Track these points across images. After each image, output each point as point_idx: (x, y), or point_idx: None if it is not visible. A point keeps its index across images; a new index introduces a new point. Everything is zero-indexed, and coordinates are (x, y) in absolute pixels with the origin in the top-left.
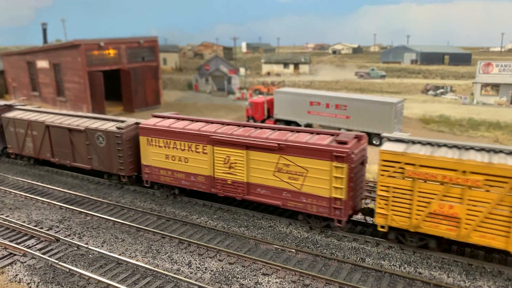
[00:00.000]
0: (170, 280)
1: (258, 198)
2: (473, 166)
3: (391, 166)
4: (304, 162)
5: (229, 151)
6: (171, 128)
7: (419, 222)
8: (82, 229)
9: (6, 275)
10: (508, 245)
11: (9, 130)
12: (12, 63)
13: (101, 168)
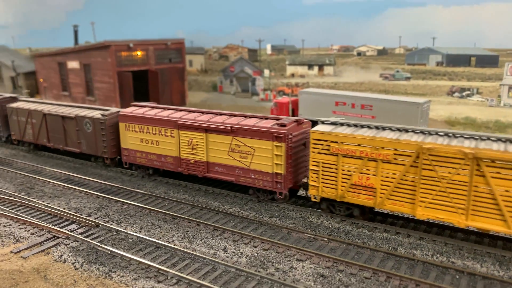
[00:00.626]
0: (207, 263)
1: (216, 175)
2: (383, 142)
3: (320, 144)
4: (251, 142)
5: (191, 134)
6: (144, 115)
7: (343, 193)
8: (119, 216)
9: (52, 255)
10: (414, 211)
11: (13, 119)
12: (43, 63)
13: (88, 151)
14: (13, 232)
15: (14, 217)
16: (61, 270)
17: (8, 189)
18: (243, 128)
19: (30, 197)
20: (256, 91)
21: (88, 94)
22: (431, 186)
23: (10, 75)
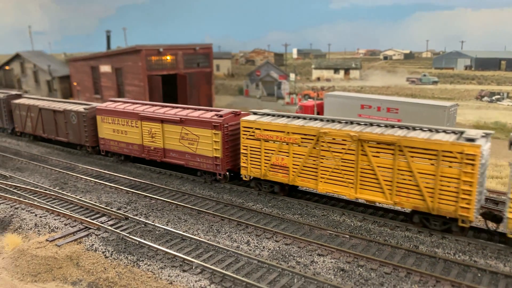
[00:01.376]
0: (231, 254)
1: (170, 160)
2: (293, 128)
3: (247, 131)
4: (196, 131)
5: (151, 124)
6: (115, 109)
7: (266, 172)
8: (147, 210)
9: (83, 244)
10: (317, 186)
11: (16, 113)
12: (77, 68)
13: (74, 141)
14: (48, 222)
15: (49, 209)
16: (92, 258)
17: (44, 184)
18: (189, 118)
19: (64, 191)
20: (281, 94)
21: (119, 96)
22: (328, 164)
23: (46, 79)
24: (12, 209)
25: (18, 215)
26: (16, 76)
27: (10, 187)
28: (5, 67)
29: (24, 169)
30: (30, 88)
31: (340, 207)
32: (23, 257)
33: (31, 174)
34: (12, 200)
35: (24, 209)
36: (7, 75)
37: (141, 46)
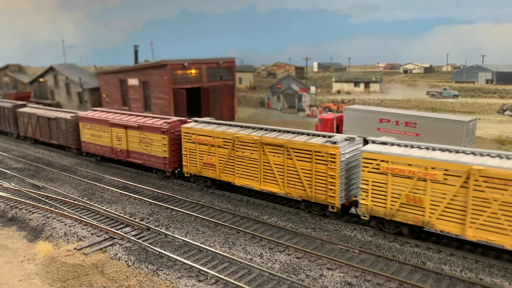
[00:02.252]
0: (244, 266)
1: (132, 160)
2: (217, 133)
3: (186, 135)
4: (151, 135)
5: (118, 130)
6: (93, 117)
7: (200, 169)
8: (168, 222)
9: (108, 253)
10: (234, 180)
11: (20, 120)
12: (106, 80)
13: (63, 143)
14: (77, 231)
15: (77, 219)
16: (115, 266)
17: (73, 194)
18: (145, 125)
19: (91, 202)
20: (302, 107)
21: (145, 108)
22: (241, 162)
23: (77, 91)
24: (44, 218)
25: (50, 224)
26: (50, 88)
27: (42, 197)
28: (39, 79)
29: (55, 180)
30: (62, 99)
31: (352, 222)
32: (53, 264)
33: (62, 185)
34: (44, 209)
35: (55, 219)
36: (41, 86)
37: (167, 61)
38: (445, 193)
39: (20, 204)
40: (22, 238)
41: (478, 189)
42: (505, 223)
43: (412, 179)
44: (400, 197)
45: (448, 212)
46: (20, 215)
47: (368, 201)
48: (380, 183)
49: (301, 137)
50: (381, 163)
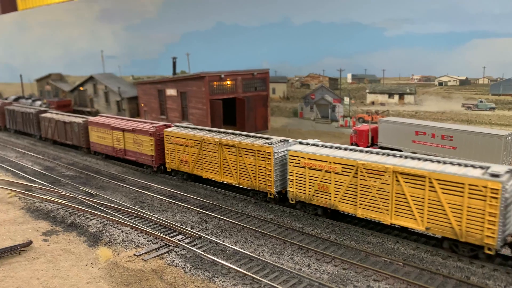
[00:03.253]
0: (294, 276)
1: (129, 157)
2: (189, 136)
3: (167, 137)
4: (142, 137)
5: (117, 133)
6: (99, 121)
7: (178, 165)
8: (217, 231)
9: (165, 260)
10: (202, 174)
11: (42, 124)
12: (144, 90)
13: (76, 143)
14: (134, 238)
15: (133, 226)
16: (173, 272)
17: (125, 202)
18: (138, 129)
19: (143, 210)
20: (335, 117)
21: (183, 118)
22: (207, 160)
23: (116, 99)
24: (102, 225)
25: (107, 231)
26: (89, 96)
27: (97, 205)
28: (79, 87)
29: (106, 188)
30: (101, 107)
31: (394, 235)
32: (116, 268)
33: (113, 193)
34: (101, 216)
35: (111, 225)
36: (81, 95)
37: (205, 73)
38: (343, 181)
39: (77, 210)
40: (83, 243)
41: (363, 178)
42: (380, 203)
43: (321, 171)
44: (314, 185)
45: (346, 196)
46: (79, 221)
47: (294, 188)
48: (301, 175)
49: (249, 139)
50: (301, 159)
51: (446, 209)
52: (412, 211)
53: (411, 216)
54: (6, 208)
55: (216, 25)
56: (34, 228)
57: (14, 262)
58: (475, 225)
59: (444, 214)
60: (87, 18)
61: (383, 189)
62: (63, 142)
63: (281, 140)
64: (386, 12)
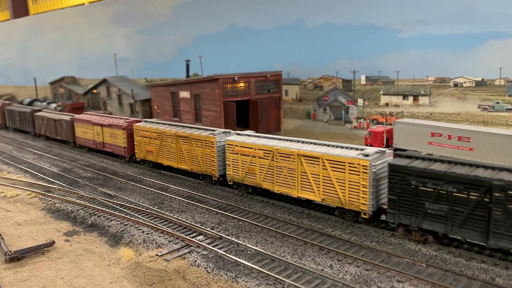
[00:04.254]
0: (317, 277)
1: (106, 149)
2: (151, 129)
3: (136, 131)
4: (116, 131)
5: (97, 128)
6: (82, 118)
7: (145, 155)
8: (237, 231)
9: (187, 260)
10: (156, 160)
11: (36, 122)
12: (158, 92)
13: (64, 138)
14: (155, 239)
15: (154, 227)
16: (196, 272)
17: (144, 203)
18: (113, 124)
19: (162, 210)
20: (349, 119)
21: (196, 120)
22: (166, 149)
23: (129, 102)
24: (122, 225)
25: (128, 231)
26: (102, 99)
27: (116, 205)
28: (93, 90)
29: (124, 189)
30: (114, 110)
31: None
32: (139, 268)
33: (131, 194)
34: (121, 217)
35: (132, 226)
36: (95, 97)
37: (219, 75)
38: (264, 164)
39: (97, 211)
40: (104, 244)
41: (277, 161)
42: (290, 181)
43: (249, 157)
44: (245, 168)
45: (267, 176)
46: (99, 222)
47: (231, 171)
48: (235, 160)
49: (199, 131)
50: (235, 147)
51: (334, 183)
52: (312, 186)
53: (311, 190)
54: (27, 208)
55: (229, 27)
56: (55, 228)
57: (38, 261)
58: (354, 195)
59: (333, 187)
60: (101, 22)
61: (291, 168)
62: (54, 138)
63: (223, 131)
64: (401, 13)
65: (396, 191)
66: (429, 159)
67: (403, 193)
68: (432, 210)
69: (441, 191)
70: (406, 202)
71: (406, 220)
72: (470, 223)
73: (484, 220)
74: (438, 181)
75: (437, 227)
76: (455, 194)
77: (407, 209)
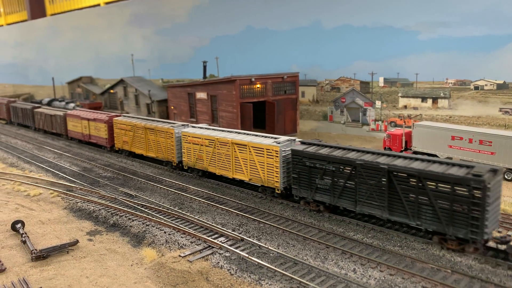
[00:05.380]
0: (341, 281)
1: (92, 140)
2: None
3: (116, 124)
4: (100, 125)
5: (85, 121)
6: (73, 114)
7: (122, 145)
8: (258, 233)
9: (210, 261)
10: (131, 149)
11: (36, 117)
12: (174, 93)
13: (58, 131)
14: (177, 239)
15: (175, 227)
16: (219, 274)
17: (165, 204)
18: (97, 118)
19: (183, 211)
20: (366, 121)
21: (213, 121)
22: (137, 139)
23: (146, 102)
24: (144, 225)
25: (150, 231)
26: (119, 99)
27: (138, 205)
28: (110, 90)
29: (144, 189)
30: (131, 110)
31: None
32: (162, 269)
33: (152, 194)
34: (142, 217)
35: (154, 226)
36: (112, 98)
37: (236, 76)
38: (209, 151)
39: (119, 211)
40: (126, 244)
41: (218, 148)
42: (227, 164)
43: (198, 145)
44: (196, 155)
45: (211, 161)
46: (121, 222)
47: (186, 158)
48: (188, 148)
49: (162, 124)
50: (188, 138)
51: (257, 166)
52: (242, 168)
53: (242, 172)
54: (50, 207)
55: (246, 29)
56: (78, 227)
57: (63, 260)
58: (271, 175)
59: (256, 169)
60: (119, 23)
61: (228, 154)
62: (50, 131)
63: (182, 124)
64: (420, 15)
65: (297, 171)
66: (320, 145)
67: (302, 172)
68: (320, 185)
69: (326, 169)
70: (304, 179)
71: (305, 194)
72: (345, 194)
73: (353, 192)
74: (323, 162)
75: (325, 198)
76: (334, 171)
77: (305, 184)
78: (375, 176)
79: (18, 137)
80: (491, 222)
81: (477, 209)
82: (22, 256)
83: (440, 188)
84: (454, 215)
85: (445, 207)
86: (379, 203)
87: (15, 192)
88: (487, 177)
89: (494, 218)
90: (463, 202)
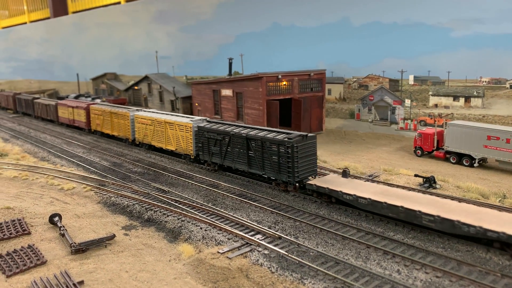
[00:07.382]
0: (386, 282)
1: (76, 124)
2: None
3: (92, 110)
4: (80, 111)
5: (71, 109)
6: (62, 103)
7: (96, 127)
8: (295, 232)
9: (249, 259)
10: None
11: (35, 107)
12: (199, 90)
13: (52, 118)
14: (214, 236)
15: (211, 223)
16: (259, 272)
17: (198, 199)
18: (79, 105)
19: (216, 207)
20: (395, 119)
21: (238, 118)
22: (106, 122)
23: (170, 99)
24: (179, 221)
25: (186, 227)
26: (144, 96)
27: (171, 201)
28: (134, 87)
29: (176, 184)
30: (155, 106)
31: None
32: (202, 265)
33: (184, 190)
34: (177, 213)
35: (189, 222)
36: (136, 94)
37: (263, 73)
38: (151, 129)
39: (153, 206)
40: (162, 239)
41: (156, 126)
42: (162, 139)
43: (145, 125)
44: (145, 133)
45: (154, 137)
46: (156, 217)
47: (137, 135)
48: (139, 127)
49: (121, 109)
50: (139, 119)
51: (180, 139)
52: (171, 141)
53: (171, 144)
54: (84, 201)
55: (272, 25)
56: (113, 222)
57: (101, 254)
58: (188, 145)
59: (179, 141)
60: (143, 20)
61: (162, 131)
62: (46, 118)
63: (136, 109)
64: (454, 12)
65: (201, 141)
66: (215, 122)
67: (204, 142)
68: (214, 150)
69: (216, 139)
70: (205, 147)
71: (206, 158)
72: (227, 156)
73: (230, 154)
74: (214, 133)
75: (217, 160)
76: (220, 140)
77: (206, 151)
78: (241, 142)
79: (46, 131)
80: (303, 171)
81: (290, 161)
82: (61, 249)
83: (272, 148)
84: (281, 166)
85: (275, 161)
86: (243, 160)
87: (49, 185)
88: (295, 140)
89: (308, 168)
90: (284, 157)
